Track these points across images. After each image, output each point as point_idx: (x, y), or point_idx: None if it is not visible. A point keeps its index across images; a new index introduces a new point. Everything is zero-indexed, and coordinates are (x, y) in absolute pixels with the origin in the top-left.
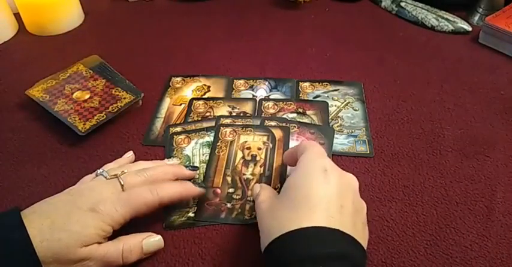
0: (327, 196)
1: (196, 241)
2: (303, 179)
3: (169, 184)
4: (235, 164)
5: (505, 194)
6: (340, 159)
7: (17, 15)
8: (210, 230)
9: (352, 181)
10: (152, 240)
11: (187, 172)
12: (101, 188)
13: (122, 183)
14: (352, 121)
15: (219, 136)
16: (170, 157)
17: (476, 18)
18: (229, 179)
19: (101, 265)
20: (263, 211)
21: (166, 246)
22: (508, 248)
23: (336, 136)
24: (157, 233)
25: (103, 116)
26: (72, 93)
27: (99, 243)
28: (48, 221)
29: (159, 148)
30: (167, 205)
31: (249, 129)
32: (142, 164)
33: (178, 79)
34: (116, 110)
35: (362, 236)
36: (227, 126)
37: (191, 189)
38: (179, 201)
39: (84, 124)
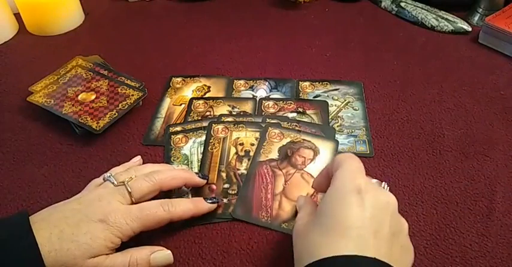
0: (359, 222)
1: (196, 241)
2: (335, 202)
3: (181, 201)
4: (229, 160)
5: (504, 194)
6: None
7: (17, 15)
8: (210, 230)
9: (390, 201)
10: (160, 255)
11: (198, 179)
12: (109, 198)
13: (130, 190)
14: (352, 121)
15: (211, 133)
16: (170, 157)
17: (476, 18)
18: (224, 175)
19: None
20: (297, 231)
21: (166, 247)
22: (508, 247)
23: (336, 136)
24: (157, 234)
25: (114, 114)
26: (77, 95)
27: (107, 254)
28: (57, 231)
29: (159, 148)
30: (178, 221)
31: (240, 125)
32: (150, 167)
33: (179, 79)
34: (126, 107)
35: (400, 259)
36: (219, 123)
37: (203, 207)
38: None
39: (97, 123)
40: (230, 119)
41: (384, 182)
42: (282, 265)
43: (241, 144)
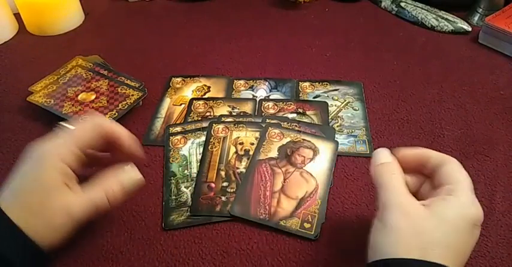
0: (464, 247)
1: (196, 241)
2: (452, 230)
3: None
4: (229, 159)
5: (504, 194)
6: (340, 159)
7: (17, 15)
8: (210, 230)
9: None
10: (128, 178)
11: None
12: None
13: (64, 125)
14: (352, 121)
15: (212, 132)
16: (169, 157)
17: (476, 18)
18: (223, 173)
19: (89, 211)
20: (410, 212)
21: (166, 247)
22: (508, 247)
23: (336, 136)
24: (157, 234)
25: (114, 114)
26: (77, 95)
27: (71, 190)
28: (15, 192)
29: (159, 148)
30: (113, 136)
31: (241, 125)
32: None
33: (179, 79)
34: (126, 107)
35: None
36: (219, 122)
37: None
38: (119, 139)
39: None
40: (230, 119)
41: None
42: (282, 265)
43: (241, 143)
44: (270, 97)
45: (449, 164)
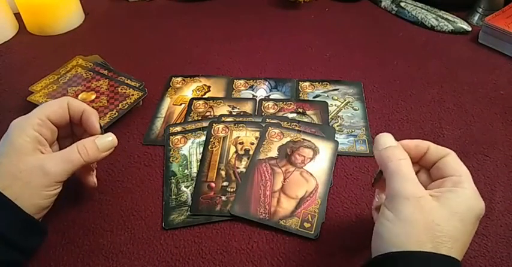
0: (468, 239)
1: (196, 240)
2: (461, 222)
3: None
4: (229, 158)
5: (504, 193)
6: (340, 159)
7: (17, 15)
8: (210, 229)
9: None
10: (104, 140)
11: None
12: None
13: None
14: (352, 121)
15: (212, 132)
16: (169, 157)
17: (476, 18)
18: (223, 173)
19: (65, 167)
20: (421, 204)
21: (166, 246)
22: (507, 247)
23: (336, 135)
24: (157, 234)
25: (115, 113)
26: (77, 95)
27: (44, 153)
28: None
29: (160, 147)
30: (78, 108)
31: (241, 125)
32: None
33: (179, 79)
34: (126, 107)
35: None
36: (219, 122)
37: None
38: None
39: None
40: (230, 119)
41: None
42: (282, 264)
43: (241, 143)
44: (270, 97)
45: (450, 155)
